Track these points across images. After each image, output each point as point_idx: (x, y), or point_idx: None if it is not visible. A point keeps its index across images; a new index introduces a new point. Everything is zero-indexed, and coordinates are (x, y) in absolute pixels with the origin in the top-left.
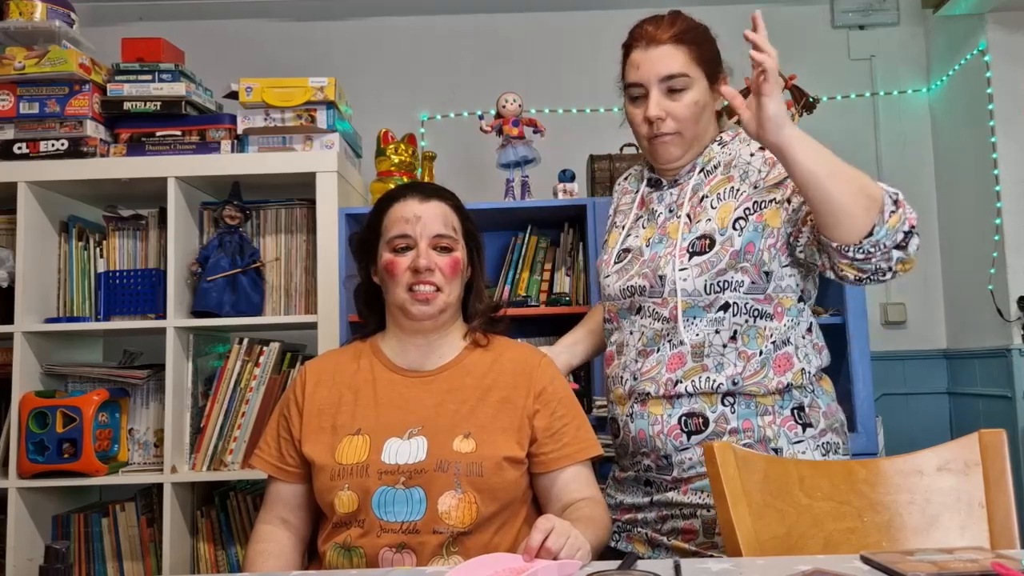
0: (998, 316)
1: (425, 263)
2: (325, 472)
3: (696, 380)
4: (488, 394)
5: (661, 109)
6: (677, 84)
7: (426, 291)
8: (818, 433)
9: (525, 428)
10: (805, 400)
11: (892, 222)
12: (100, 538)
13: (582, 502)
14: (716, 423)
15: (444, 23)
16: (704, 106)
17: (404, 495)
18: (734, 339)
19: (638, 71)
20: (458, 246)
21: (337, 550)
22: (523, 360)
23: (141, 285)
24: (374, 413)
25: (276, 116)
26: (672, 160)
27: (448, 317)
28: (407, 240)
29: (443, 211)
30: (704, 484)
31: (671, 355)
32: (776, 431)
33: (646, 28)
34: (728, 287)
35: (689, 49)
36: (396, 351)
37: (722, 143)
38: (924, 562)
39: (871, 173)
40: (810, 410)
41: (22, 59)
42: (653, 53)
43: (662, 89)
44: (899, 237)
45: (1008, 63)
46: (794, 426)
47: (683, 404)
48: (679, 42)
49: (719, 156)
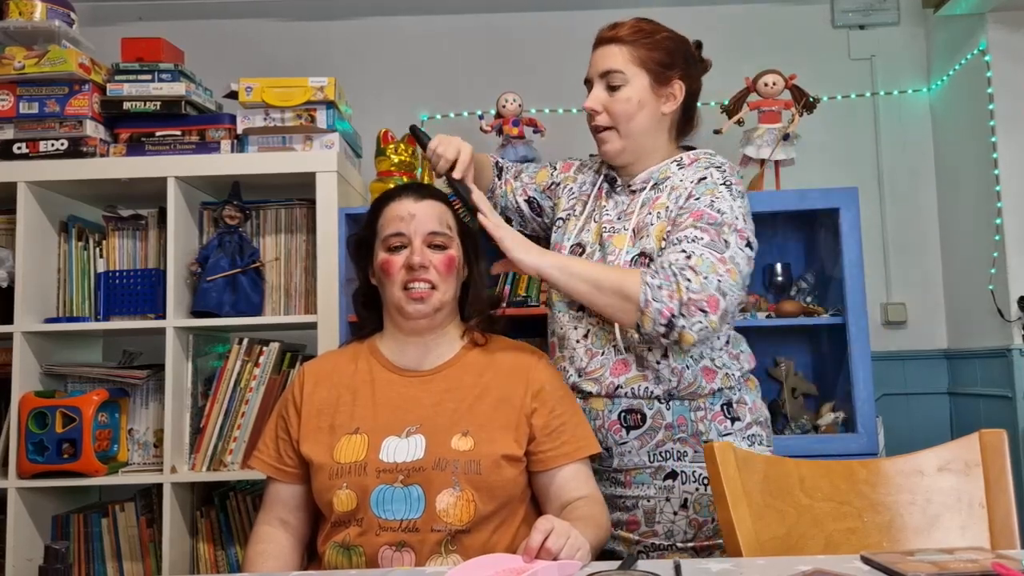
0: (998, 316)
1: (419, 260)
2: (323, 471)
3: (636, 387)
4: (486, 393)
5: (598, 103)
6: (614, 80)
7: (421, 289)
8: (745, 426)
9: (523, 426)
10: (733, 397)
11: (645, 321)
12: (100, 538)
13: (581, 501)
14: (653, 419)
15: (444, 23)
16: (641, 104)
17: (402, 493)
18: (666, 356)
19: (589, 67)
20: (453, 244)
21: (336, 549)
22: (521, 359)
23: (141, 285)
24: (372, 412)
25: (276, 116)
26: (612, 156)
27: (444, 316)
28: (401, 239)
29: (438, 210)
30: (645, 477)
31: (616, 361)
32: (708, 425)
33: (602, 30)
34: None
35: (632, 49)
36: (394, 351)
37: (681, 164)
38: (924, 562)
39: (871, 173)
40: (737, 406)
41: (22, 59)
42: (599, 51)
43: (602, 84)
44: (661, 330)
45: (1009, 63)
46: (723, 420)
47: (622, 402)
48: (622, 43)
49: (673, 177)
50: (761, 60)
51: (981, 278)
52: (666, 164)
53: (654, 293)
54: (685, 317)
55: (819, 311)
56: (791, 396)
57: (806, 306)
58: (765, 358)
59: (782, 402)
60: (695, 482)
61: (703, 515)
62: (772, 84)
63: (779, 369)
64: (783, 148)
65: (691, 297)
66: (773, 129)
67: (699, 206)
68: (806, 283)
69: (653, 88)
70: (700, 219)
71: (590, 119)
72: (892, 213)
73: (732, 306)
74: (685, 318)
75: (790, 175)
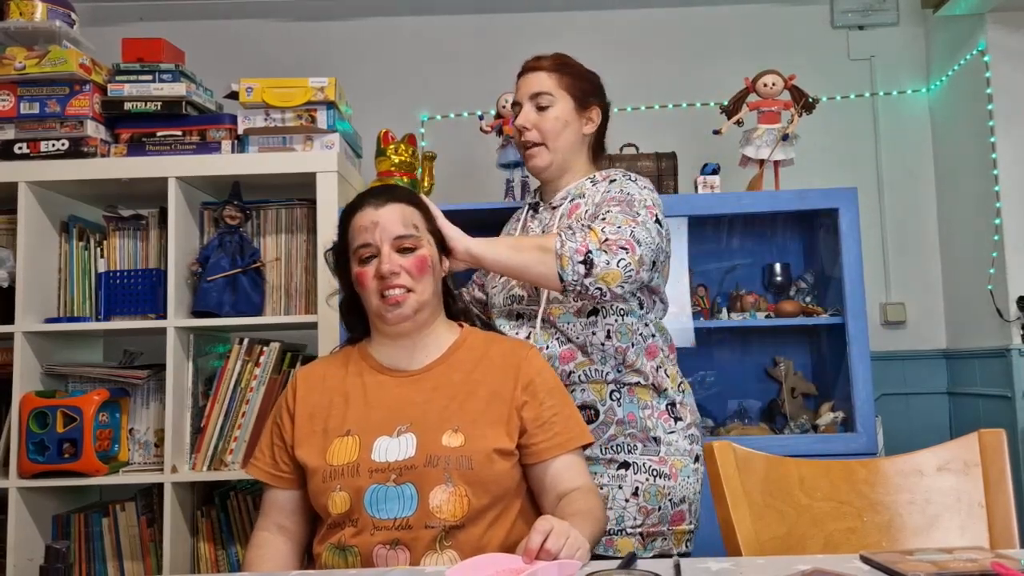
0: (998, 316)
1: (388, 268)
2: (317, 475)
3: (588, 371)
4: (477, 388)
5: (529, 121)
6: (543, 101)
7: (396, 294)
8: (685, 426)
9: (514, 419)
10: (676, 399)
11: (564, 262)
12: (100, 538)
13: (576, 493)
14: (605, 415)
15: (444, 23)
16: (567, 123)
17: (396, 492)
18: (609, 337)
19: (517, 92)
20: (423, 243)
21: (332, 550)
22: (510, 353)
23: (141, 285)
24: (364, 414)
25: (276, 116)
26: (540, 169)
27: (428, 315)
28: (370, 249)
29: (401, 212)
30: (599, 467)
31: (562, 350)
32: (655, 423)
33: (529, 60)
34: None
35: (558, 76)
36: (383, 353)
37: (594, 181)
38: (924, 562)
39: (870, 173)
40: (680, 407)
41: (22, 59)
42: (527, 77)
43: (532, 105)
44: (580, 270)
45: (1008, 63)
46: (668, 419)
47: (577, 397)
48: (549, 70)
49: (589, 192)
50: (760, 60)
51: (980, 278)
52: (582, 181)
53: (568, 236)
54: (607, 253)
55: (818, 311)
56: (790, 396)
57: (805, 306)
58: (764, 358)
59: (781, 402)
60: (645, 472)
61: (651, 503)
62: (771, 84)
63: (778, 369)
64: (782, 148)
65: (608, 238)
66: (772, 129)
67: (611, 194)
68: (805, 283)
69: (576, 110)
70: (609, 201)
71: (519, 136)
72: (891, 213)
73: (648, 258)
74: (607, 254)
75: (789, 175)
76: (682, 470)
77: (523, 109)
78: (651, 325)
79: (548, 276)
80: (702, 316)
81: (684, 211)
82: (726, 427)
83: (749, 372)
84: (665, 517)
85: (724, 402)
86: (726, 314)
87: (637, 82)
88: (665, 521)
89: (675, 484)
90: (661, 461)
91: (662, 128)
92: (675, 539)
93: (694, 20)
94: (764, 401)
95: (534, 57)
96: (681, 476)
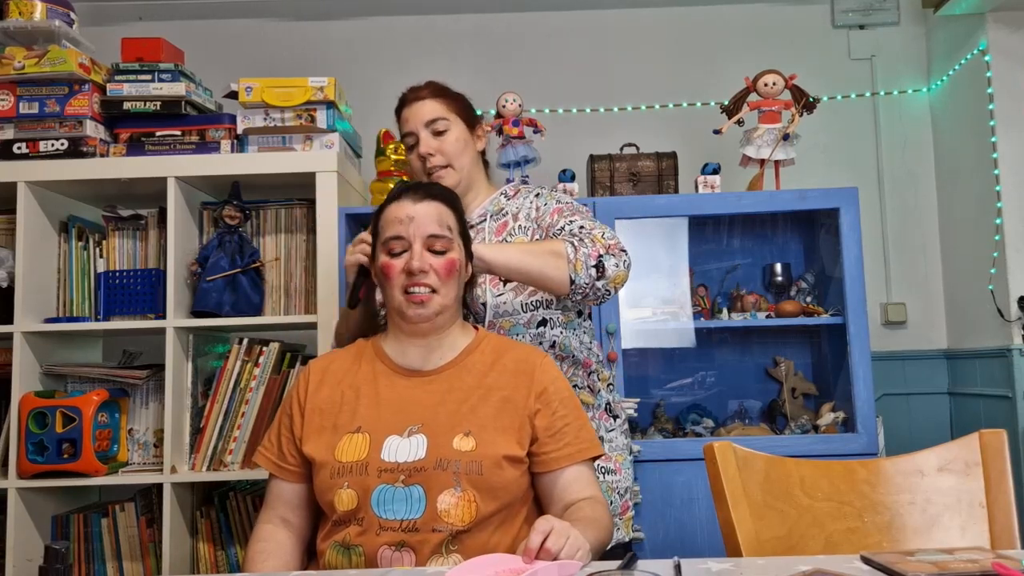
0: (998, 316)
1: (418, 265)
2: (325, 470)
3: None
4: (489, 393)
5: (430, 147)
6: (439, 126)
7: (421, 293)
8: (621, 422)
9: (526, 427)
10: (610, 399)
11: (578, 267)
12: (100, 538)
13: (583, 502)
14: None
15: (444, 23)
16: (466, 143)
17: (403, 493)
18: (553, 347)
19: (408, 123)
20: (453, 246)
21: (336, 548)
22: (525, 360)
23: (141, 285)
24: (375, 412)
25: (276, 116)
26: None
27: (447, 318)
28: (401, 242)
29: (438, 211)
30: None
31: None
32: (598, 424)
33: (408, 92)
34: (541, 305)
35: (445, 101)
36: (397, 351)
37: (508, 196)
38: (924, 562)
39: (871, 173)
40: (615, 406)
41: (22, 59)
42: (414, 107)
43: (428, 132)
44: (593, 273)
45: (1008, 63)
46: (608, 418)
47: None
48: (434, 98)
49: (507, 207)
50: (761, 60)
51: (981, 278)
52: (495, 197)
53: (578, 244)
54: (614, 257)
55: (819, 311)
56: (791, 396)
57: (806, 306)
58: (765, 358)
59: (782, 402)
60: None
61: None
62: (772, 84)
63: (779, 369)
64: (783, 148)
65: (610, 243)
66: (773, 129)
67: (552, 207)
68: (806, 283)
69: (468, 130)
70: (562, 212)
71: (422, 164)
72: (892, 213)
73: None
74: (614, 257)
75: (790, 175)
76: (623, 464)
77: (420, 137)
78: (587, 332)
79: (560, 280)
80: (702, 316)
81: (684, 211)
82: (727, 427)
83: (749, 372)
84: (616, 509)
85: (724, 402)
86: (726, 314)
87: (637, 82)
88: (615, 513)
89: (619, 477)
90: (607, 459)
91: (662, 128)
92: (624, 526)
93: (694, 20)
94: (765, 401)
95: (411, 88)
96: (624, 469)
